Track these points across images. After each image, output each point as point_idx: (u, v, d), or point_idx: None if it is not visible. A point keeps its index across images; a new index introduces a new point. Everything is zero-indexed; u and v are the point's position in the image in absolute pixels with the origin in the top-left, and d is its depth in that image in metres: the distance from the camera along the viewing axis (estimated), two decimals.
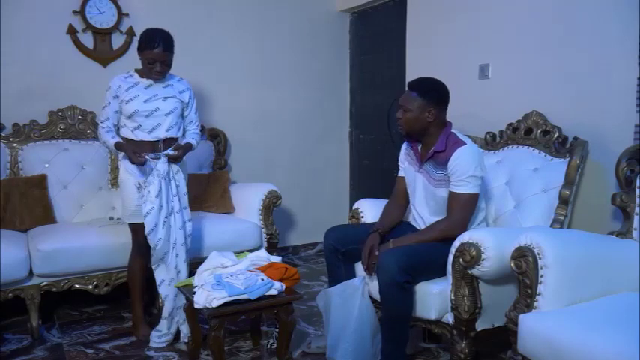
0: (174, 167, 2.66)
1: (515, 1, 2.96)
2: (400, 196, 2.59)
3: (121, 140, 2.67)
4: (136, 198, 2.63)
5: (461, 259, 2.16)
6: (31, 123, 3.41)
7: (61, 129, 3.44)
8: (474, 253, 2.11)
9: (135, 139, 2.66)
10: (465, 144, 2.31)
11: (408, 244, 2.29)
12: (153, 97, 2.65)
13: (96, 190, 3.42)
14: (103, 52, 3.61)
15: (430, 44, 3.52)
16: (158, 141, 2.67)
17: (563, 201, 2.46)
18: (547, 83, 2.81)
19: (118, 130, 2.73)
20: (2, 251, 2.67)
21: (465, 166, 2.27)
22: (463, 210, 2.32)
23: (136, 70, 2.70)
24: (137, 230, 2.67)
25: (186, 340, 2.66)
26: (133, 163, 2.60)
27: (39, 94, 3.43)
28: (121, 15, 3.63)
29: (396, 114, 2.42)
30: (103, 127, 2.69)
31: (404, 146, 2.58)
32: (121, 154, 2.69)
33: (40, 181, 3.25)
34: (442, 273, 2.28)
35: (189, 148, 2.76)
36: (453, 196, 2.32)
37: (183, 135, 2.81)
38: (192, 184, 3.57)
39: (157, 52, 2.56)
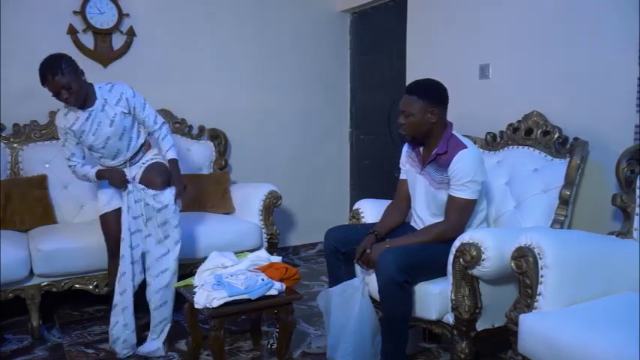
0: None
1: (515, 1, 2.96)
2: (402, 199, 2.59)
3: (99, 168, 2.70)
4: (109, 192, 2.71)
5: (461, 259, 2.16)
6: (32, 123, 3.41)
7: None
8: (474, 253, 2.11)
9: (103, 165, 2.71)
10: (465, 147, 2.30)
11: (404, 244, 2.29)
12: (98, 127, 2.60)
13: (96, 190, 3.40)
14: (103, 53, 3.62)
15: (430, 44, 3.52)
16: (125, 162, 2.70)
17: (564, 201, 2.46)
18: (547, 83, 2.81)
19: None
20: (2, 251, 2.67)
21: (465, 170, 2.27)
22: (460, 214, 2.32)
23: None
24: (108, 221, 2.68)
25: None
26: (114, 185, 2.66)
27: (39, 94, 3.39)
28: (121, 15, 3.64)
29: (398, 120, 2.41)
30: (76, 164, 2.70)
31: (405, 148, 2.58)
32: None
33: (41, 181, 3.25)
34: (442, 273, 2.28)
35: (176, 165, 2.72)
36: (451, 200, 2.32)
37: (150, 134, 2.80)
38: (193, 185, 3.59)
39: (50, 82, 2.46)
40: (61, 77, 2.45)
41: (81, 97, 2.53)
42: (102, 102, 2.61)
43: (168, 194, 2.61)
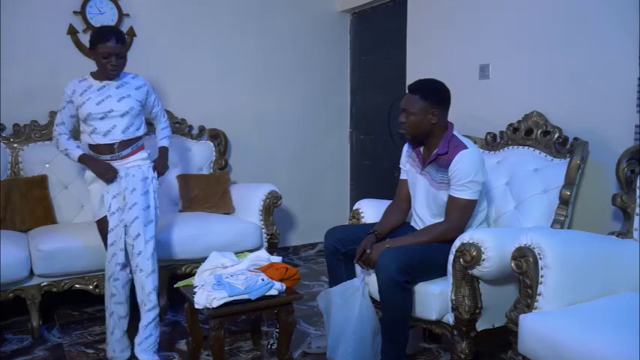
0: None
1: (515, 1, 2.97)
2: (402, 199, 2.59)
3: (85, 153, 2.67)
4: (99, 202, 2.65)
5: (461, 260, 2.16)
6: (32, 123, 3.41)
7: None
8: (474, 253, 2.11)
9: (92, 142, 2.67)
10: (466, 147, 2.30)
11: (404, 244, 2.29)
12: (106, 99, 2.61)
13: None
14: None
15: (430, 44, 3.52)
16: (114, 143, 2.65)
17: (564, 201, 2.46)
18: (547, 83, 2.81)
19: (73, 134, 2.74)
20: (2, 251, 2.67)
21: (466, 170, 2.27)
22: (461, 215, 2.32)
23: (91, 74, 2.66)
24: (104, 225, 2.64)
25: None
26: (102, 179, 2.60)
27: (39, 95, 3.43)
28: (121, 15, 3.64)
29: (398, 118, 2.41)
30: (61, 134, 2.69)
31: (405, 148, 2.58)
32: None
33: (41, 182, 3.25)
34: (442, 273, 2.28)
35: (165, 152, 2.85)
36: (451, 200, 2.32)
37: (148, 133, 2.83)
38: (193, 185, 3.60)
39: (110, 44, 2.55)
40: (122, 46, 2.61)
41: (120, 71, 2.66)
42: (121, 82, 2.68)
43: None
